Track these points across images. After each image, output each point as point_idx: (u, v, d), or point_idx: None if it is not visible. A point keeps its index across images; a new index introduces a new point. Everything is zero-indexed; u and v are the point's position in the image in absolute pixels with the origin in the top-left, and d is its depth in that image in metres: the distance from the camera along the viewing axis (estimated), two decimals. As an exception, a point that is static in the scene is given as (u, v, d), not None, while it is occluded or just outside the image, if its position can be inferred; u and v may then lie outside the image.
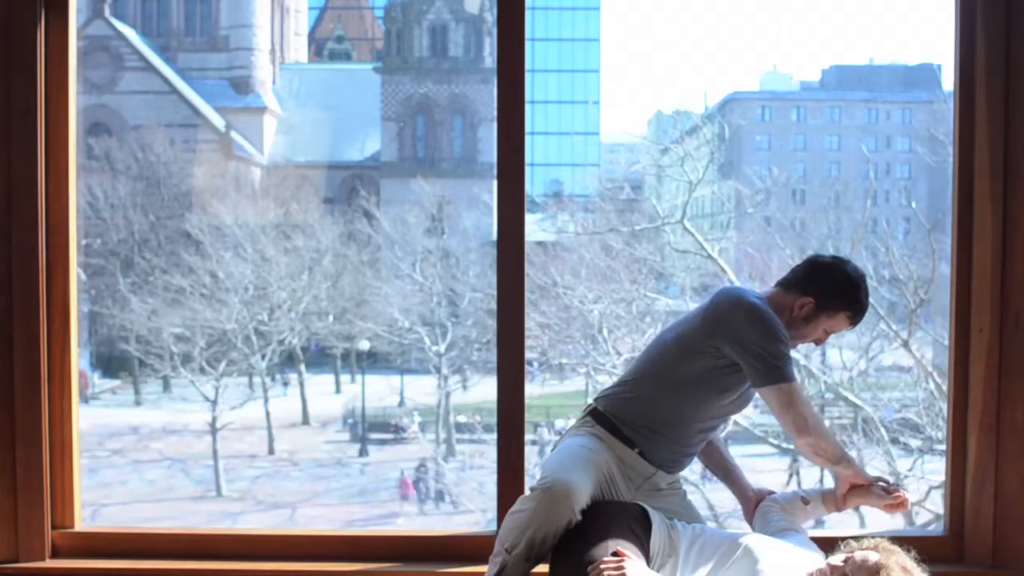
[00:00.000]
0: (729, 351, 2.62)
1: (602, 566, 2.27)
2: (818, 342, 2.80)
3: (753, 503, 2.82)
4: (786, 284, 2.76)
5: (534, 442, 20.76)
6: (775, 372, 2.59)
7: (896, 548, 2.28)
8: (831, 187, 27.32)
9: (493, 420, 3.20)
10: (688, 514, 2.73)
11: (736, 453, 3.03)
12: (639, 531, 2.42)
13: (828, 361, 16.85)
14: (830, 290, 2.72)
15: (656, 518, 2.48)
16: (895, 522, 13.48)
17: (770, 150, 33.81)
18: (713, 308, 2.68)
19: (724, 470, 2.92)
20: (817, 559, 2.46)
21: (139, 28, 37.03)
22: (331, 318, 25.46)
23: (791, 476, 16.79)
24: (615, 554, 2.31)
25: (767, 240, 20.37)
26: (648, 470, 2.69)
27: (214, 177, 30.25)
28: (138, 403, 26.34)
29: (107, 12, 34.71)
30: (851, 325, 2.77)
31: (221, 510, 19.90)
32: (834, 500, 2.77)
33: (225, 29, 38.14)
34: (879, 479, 2.74)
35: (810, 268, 2.78)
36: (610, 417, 2.70)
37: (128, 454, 22.93)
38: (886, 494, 2.68)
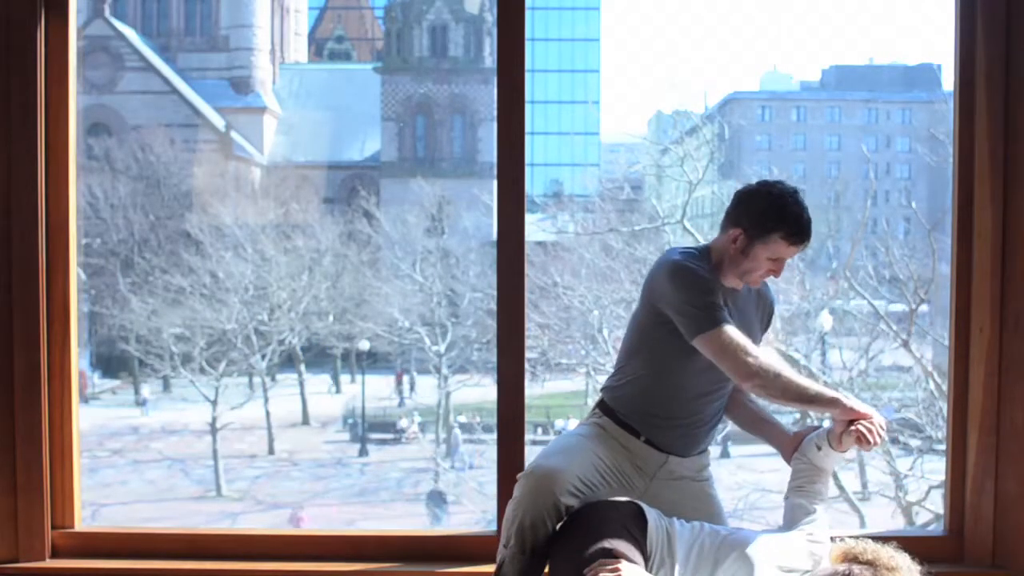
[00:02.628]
0: (669, 314, 2.62)
1: (597, 567, 2.27)
2: (773, 274, 2.67)
3: (791, 448, 2.74)
4: (722, 224, 2.72)
5: (534, 442, 20.75)
6: (699, 321, 2.56)
7: (896, 565, 2.16)
8: (831, 187, 27.28)
9: (493, 420, 3.20)
10: (705, 507, 2.71)
11: (736, 453, 3.01)
12: (635, 530, 2.41)
13: (828, 361, 16.83)
14: (755, 215, 2.63)
15: (652, 516, 2.47)
16: (895, 522, 13.48)
17: (770, 150, 33.76)
18: (648, 277, 2.73)
19: (754, 422, 2.83)
20: (817, 556, 2.46)
21: (139, 28, 37.00)
22: (331, 318, 25.45)
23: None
24: (612, 555, 2.30)
25: (767, 240, 20.29)
26: (659, 457, 2.68)
27: (214, 177, 30.21)
28: (138, 403, 26.35)
29: (107, 12, 34.68)
30: (793, 246, 2.62)
31: (221, 510, 19.88)
32: (836, 440, 2.65)
33: (225, 29, 38.11)
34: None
35: (735, 199, 2.72)
36: (613, 409, 2.71)
37: (128, 454, 22.92)
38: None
